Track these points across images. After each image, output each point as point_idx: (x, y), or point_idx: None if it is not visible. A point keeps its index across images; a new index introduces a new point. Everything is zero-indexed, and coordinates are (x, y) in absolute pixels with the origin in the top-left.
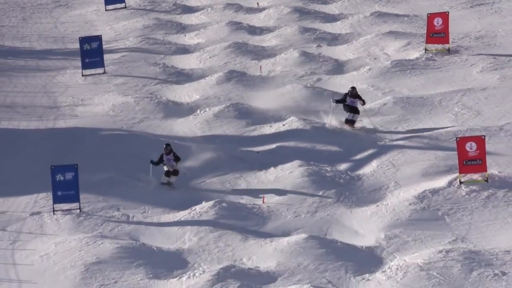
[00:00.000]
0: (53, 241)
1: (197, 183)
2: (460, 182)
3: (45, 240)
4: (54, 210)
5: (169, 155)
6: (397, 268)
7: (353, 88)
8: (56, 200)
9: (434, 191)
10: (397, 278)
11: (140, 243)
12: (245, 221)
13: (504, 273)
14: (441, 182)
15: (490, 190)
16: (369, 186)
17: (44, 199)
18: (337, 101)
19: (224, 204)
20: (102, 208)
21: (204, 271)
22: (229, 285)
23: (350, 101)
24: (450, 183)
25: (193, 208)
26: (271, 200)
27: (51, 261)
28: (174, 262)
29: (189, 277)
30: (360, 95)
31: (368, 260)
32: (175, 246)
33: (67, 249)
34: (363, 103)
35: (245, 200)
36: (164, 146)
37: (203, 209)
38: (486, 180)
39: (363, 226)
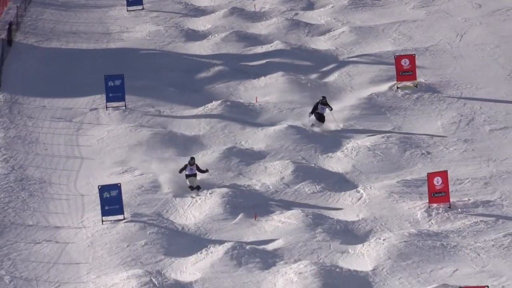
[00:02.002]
0: (106, 129)
1: (209, 88)
2: (397, 88)
3: (100, 128)
4: (106, 107)
5: (192, 166)
6: (352, 149)
7: (324, 97)
8: (108, 100)
9: (379, 94)
10: (351, 156)
11: (168, 130)
12: (243, 115)
13: (428, 152)
14: (384, 87)
15: (419, 93)
16: (332, 90)
17: (99, 99)
18: (312, 112)
19: (228, 103)
20: (141, 105)
21: (214, 151)
22: (232, 161)
23: (321, 108)
24: (390, 88)
25: (206, 105)
26: (262, 99)
27: (104, 143)
28: (192, 144)
29: (203, 155)
30: (328, 103)
31: (331, 143)
32: (193, 132)
33: (116, 134)
34: (331, 109)
35: (243, 100)
36: (190, 158)
37: (213, 106)
38: (416, 86)
39: (327, 118)
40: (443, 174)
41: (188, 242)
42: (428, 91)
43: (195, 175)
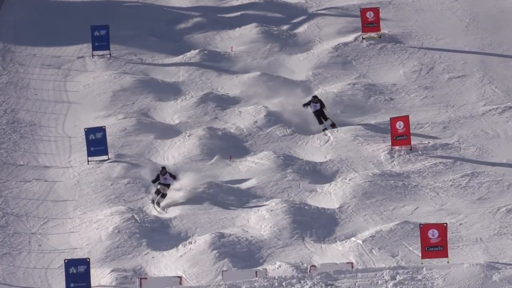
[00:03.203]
0: (92, 75)
1: (188, 38)
2: (363, 38)
3: (86, 75)
4: (93, 55)
5: (165, 175)
6: (320, 95)
7: (315, 97)
8: (94, 48)
9: (345, 44)
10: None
11: (150, 77)
12: (220, 63)
13: (391, 99)
14: (350, 38)
15: (382, 44)
16: (302, 40)
17: (86, 48)
18: (305, 105)
19: (205, 52)
20: (125, 54)
21: (192, 96)
22: (208, 105)
23: (313, 106)
24: (355, 39)
25: (185, 54)
26: (237, 49)
27: (90, 89)
28: (172, 90)
29: (182, 100)
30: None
31: (301, 90)
32: (173, 79)
33: (101, 81)
34: (324, 106)
35: (220, 49)
36: (161, 168)
37: (192, 55)
38: (380, 37)
39: (298, 67)
40: (405, 119)
41: None
42: (391, 42)
43: (168, 185)
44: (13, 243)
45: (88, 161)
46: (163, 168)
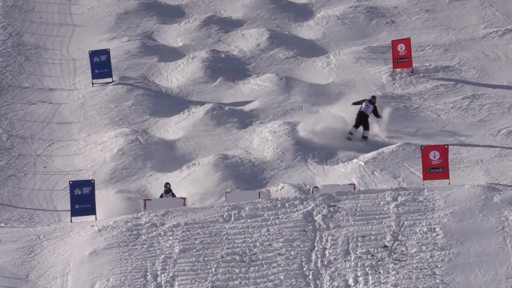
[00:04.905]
0: None
1: None
2: None
3: None
4: None
5: (168, 193)
6: (323, 18)
7: (374, 97)
8: None
9: None
10: (322, 24)
11: (153, 0)
12: None
13: (393, 21)
14: None
15: None
16: None
17: None
18: (355, 103)
19: None
20: None
21: (195, 19)
22: (212, 28)
23: (366, 106)
24: None
25: None
26: None
27: (95, 12)
28: (176, 13)
29: (185, 23)
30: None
31: (303, 12)
32: (176, 2)
33: (105, 4)
34: (377, 114)
35: None
36: (164, 184)
37: None
38: None
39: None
40: (406, 41)
41: (171, 103)
42: None
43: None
44: (18, 165)
45: (92, 83)
46: (166, 184)
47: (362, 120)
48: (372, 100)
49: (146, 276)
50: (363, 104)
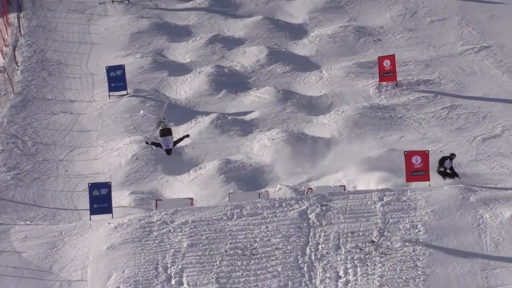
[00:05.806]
0: (112, 19)
1: None
2: None
3: (107, 19)
4: (113, 1)
5: (167, 135)
6: (316, 36)
7: (453, 154)
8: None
9: None
10: (315, 42)
11: (164, 21)
12: (226, 8)
13: (379, 39)
14: None
15: None
16: None
17: None
18: (439, 168)
19: None
20: (141, 0)
21: (201, 38)
22: (216, 46)
23: (448, 163)
24: None
25: (195, 0)
26: None
27: (111, 31)
28: (184, 32)
29: (192, 41)
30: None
31: (299, 32)
32: (184, 22)
33: (121, 24)
34: (459, 177)
35: None
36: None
37: (201, 1)
38: None
39: (296, 11)
40: (391, 58)
41: (180, 113)
42: None
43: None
44: (42, 169)
45: (109, 95)
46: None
47: (446, 175)
48: (452, 157)
49: (158, 268)
50: (446, 163)
